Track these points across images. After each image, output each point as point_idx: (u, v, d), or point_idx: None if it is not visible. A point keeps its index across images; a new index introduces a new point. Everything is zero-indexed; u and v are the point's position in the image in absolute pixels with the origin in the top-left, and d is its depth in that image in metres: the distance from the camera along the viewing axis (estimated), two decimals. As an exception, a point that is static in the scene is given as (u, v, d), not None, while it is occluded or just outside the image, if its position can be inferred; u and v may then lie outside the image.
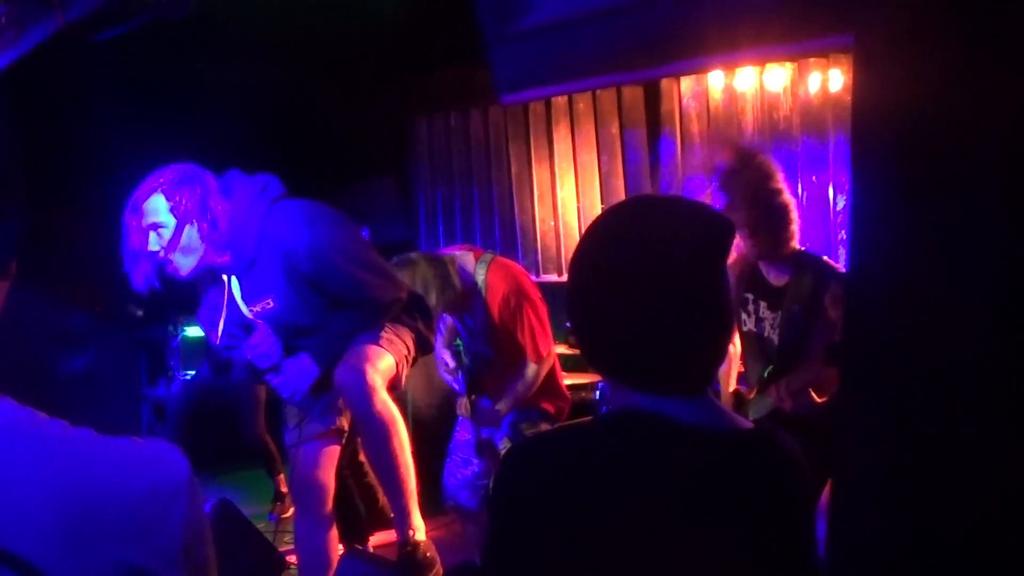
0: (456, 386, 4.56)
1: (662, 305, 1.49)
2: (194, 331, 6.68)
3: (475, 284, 4.38)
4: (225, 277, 3.68)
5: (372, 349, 3.59)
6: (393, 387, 3.66)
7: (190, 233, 3.46)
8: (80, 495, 0.99)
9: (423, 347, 3.93)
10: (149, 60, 5.88)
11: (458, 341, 4.58)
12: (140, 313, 7.69)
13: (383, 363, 3.59)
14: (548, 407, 4.53)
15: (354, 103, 8.17)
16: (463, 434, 4.59)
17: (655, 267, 1.49)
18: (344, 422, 3.95)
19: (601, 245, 1.57)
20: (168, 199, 3.45)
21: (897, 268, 1.77)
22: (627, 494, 1.46)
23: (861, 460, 1.91)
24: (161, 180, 3.48)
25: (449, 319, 4.58)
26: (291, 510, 5.20)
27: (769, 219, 3.73)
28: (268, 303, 3.62)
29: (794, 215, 3.81)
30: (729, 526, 1.49)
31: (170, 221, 3.45)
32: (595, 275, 1.55)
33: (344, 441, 3.99)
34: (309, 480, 3.89)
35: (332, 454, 3.95)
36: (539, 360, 4.40)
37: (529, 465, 1.53)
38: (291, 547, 4.28)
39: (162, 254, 3.44)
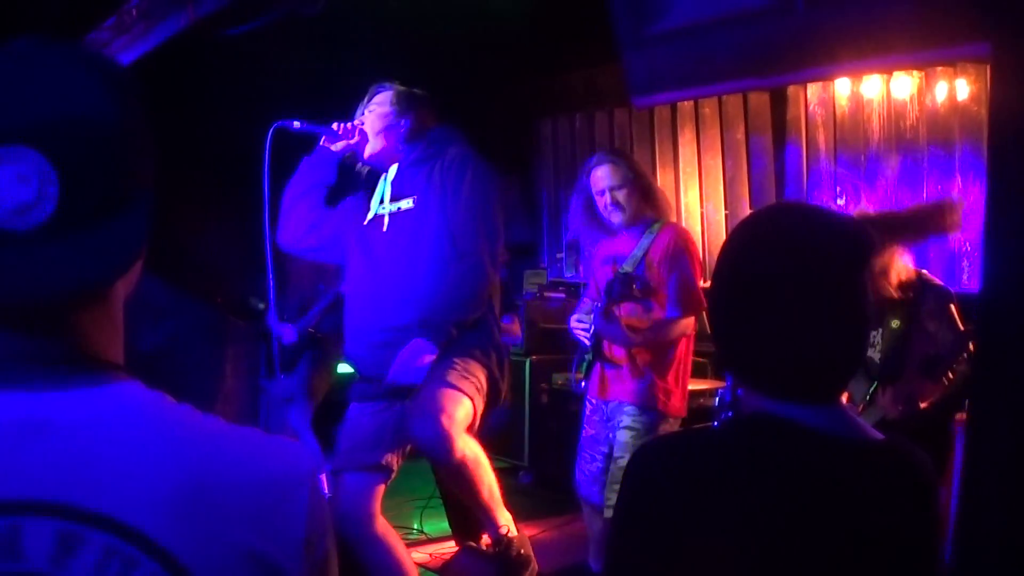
0: (587, 339, 4.43)
1: (801, 312, 1.50)
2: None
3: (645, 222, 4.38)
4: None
5: (446, 393, 3.51)
6: (469, 427, 3.60)
7: (396, 123, 3.89)
8: (203, 477, 1.00)
9: (495, 392, 3.77)
10: (275, 55, 6.06)
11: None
12: (262, 306, 7.83)
13: (460, 410, 3.52)
14: (664, 406, 4.28)
15: (480, 102, 8.30)
16: (588, 431, 4.54)
17: (797, 274, 1.50)
18: (393, 460, 3.80)
19: (745, 250, 1.58)
20: (395, 94, 3.92)
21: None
22: (755, 498, 1.46)
23: (991, 469, 1.97)
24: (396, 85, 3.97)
25: (588, 303, 4.55)
26: None
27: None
28: (409, 204, 3.78)
29: (894, 272, 3.89)
30: (858, 534, 1.48)
31: (388, 110, 3.91)
32: (737, 279, 1.57)
33: (388, 481, 3.83)
34: (348, 515, 3.71)
35: (372, 494, 3.79)
36: (684, 314, 4.25)
37: (656, 467, 1.53)
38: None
39: (359, 122, 3.91)
